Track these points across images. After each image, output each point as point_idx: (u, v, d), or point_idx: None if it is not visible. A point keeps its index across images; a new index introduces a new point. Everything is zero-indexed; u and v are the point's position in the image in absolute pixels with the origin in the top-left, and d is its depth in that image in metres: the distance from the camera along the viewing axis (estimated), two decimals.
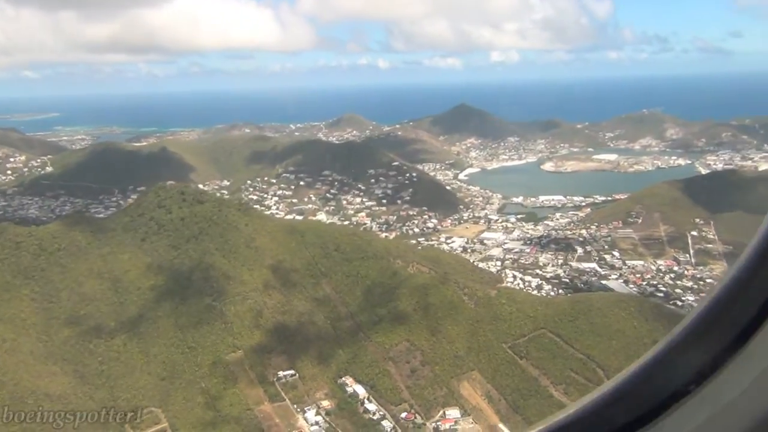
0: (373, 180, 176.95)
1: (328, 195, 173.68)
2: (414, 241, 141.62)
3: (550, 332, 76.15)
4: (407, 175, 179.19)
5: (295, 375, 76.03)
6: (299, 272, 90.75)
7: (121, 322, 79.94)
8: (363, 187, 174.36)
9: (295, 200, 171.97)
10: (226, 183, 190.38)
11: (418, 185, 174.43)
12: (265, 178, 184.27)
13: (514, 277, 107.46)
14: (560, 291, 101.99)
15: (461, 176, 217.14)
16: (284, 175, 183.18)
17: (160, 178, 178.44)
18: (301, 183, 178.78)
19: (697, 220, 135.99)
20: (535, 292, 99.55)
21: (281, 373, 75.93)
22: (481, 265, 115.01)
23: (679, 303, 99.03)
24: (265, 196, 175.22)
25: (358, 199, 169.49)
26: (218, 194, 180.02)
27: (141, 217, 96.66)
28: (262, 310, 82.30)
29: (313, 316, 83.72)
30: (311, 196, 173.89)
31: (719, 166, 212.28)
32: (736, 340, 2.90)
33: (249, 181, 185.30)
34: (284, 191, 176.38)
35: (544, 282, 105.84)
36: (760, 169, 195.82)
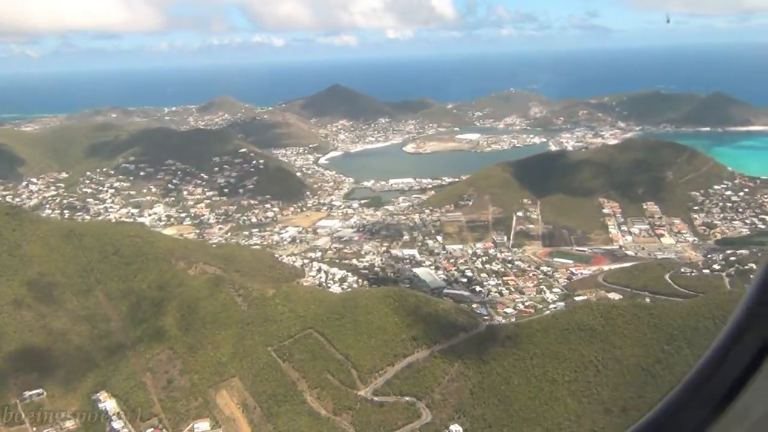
0: (217, 168, 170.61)
1: (169, 186, 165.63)
2: (246, 233, 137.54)
3: (316, 332, 74.34)
4: (254, 162, 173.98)
5: (42, 394, 70.56)
6: (71, 280, 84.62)
7: None
8: (206, 177, 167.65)
9: (132, 192, 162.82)
10: (64, 175, 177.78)
11: (264, 173, 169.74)
12: (104, 170, 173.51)
13: (319, 270, 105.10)
14: (365, 282, 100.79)
15: (322, 160, 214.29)
16: (124, 165, 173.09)
17: None
18: (142, 174, 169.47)
19: (525, 200, 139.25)
20: (335, 286, 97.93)
21: (27, 394, 70.23)
22: (289, 259, 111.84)
23: (479, 288, 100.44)
24: (101, 189, 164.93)
25: (200, 190, 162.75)
26: (53, 188, 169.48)
27: None
28: (15, 326, 75.84)
29: (76, 328, 78.19)
30: (151, 187, 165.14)
31: (571, 144, 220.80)
32: (720, 403, 3.11)
33: (88, 173, 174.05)
34: (122, 183, 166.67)
35: (350, 274, 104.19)
36: (609, 143, 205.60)
